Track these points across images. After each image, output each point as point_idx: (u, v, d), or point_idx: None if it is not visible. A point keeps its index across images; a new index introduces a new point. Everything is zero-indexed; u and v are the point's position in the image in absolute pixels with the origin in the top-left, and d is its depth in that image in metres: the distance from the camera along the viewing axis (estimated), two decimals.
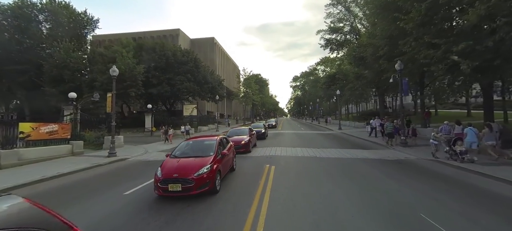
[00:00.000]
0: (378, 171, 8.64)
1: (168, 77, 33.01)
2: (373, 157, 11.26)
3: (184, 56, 34.13)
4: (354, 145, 15.56)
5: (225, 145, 8.12)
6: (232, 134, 14.30)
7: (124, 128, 32.21)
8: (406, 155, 11.49)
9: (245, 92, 56.81)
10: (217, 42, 60.36)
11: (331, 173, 8.48)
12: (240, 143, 12.70)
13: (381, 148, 14.34)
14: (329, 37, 37.24)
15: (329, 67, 64.68)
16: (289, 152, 12.92)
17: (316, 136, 22.58)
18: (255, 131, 19.17)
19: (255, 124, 22.47)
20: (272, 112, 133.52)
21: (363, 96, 41.25)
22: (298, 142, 17.74)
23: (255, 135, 16.03)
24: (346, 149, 13.76)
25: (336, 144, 16.20)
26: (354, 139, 19.61)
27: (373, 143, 16.45)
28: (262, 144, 16.90)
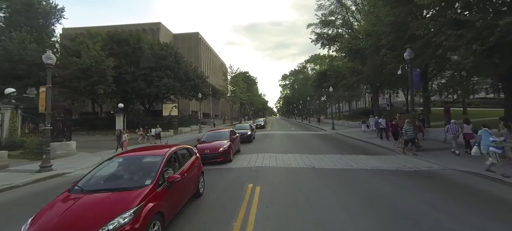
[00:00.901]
0: (409, 194, 6.07)
1: (144, 73, 29.62)
2: (387, 167, 8.79)
3: (163, 50, 30.81)
4: (356, 149, 13.13)
5: (183, 162, 5.31)
6: (209, 138, 11.46)
7: (95, 130, 28.59)
8: (428, 164, 9.10)
9: (232, 90, 53.87)
10: (202, 37, 56.98)
11: (340, 197, 5.86)
12: (217, 150, 9.90)
13: (388, 153, 11.97)
14: (320, 31, 35.09)
15: (318, 65, 62.98)
16: (279, 161, 10.25)
17: (310, 138, 20.11)
18: (239, 134, 16.42)
19: (240, 125, 19.70)
20: (261, 112, 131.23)
21: (356, 93, 39.42)
22: (290, 146, 15.14)
23: (238, 139, 13.26)
24: (349, 156, 11.27)
25: (334, 148, 13.73)
26: (353, 141, 17.26)
27: (376, 146, 14.10)
28: (247, 149, 14.17)
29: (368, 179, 7.39)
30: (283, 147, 14.90)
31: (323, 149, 13.69)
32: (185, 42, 55.39)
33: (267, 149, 13.86)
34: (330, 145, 15.42)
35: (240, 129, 18.16)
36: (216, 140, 10.96)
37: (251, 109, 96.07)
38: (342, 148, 13.88)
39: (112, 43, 28.09)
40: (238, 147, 13.04)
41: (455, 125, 10.76)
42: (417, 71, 12.09)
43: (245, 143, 16.85)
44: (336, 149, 13.53)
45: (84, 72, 23.43)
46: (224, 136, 11.44)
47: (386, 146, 13.40)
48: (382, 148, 13.30)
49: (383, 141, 15.07)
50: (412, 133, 10.91)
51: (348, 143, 15.95)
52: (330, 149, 13.43)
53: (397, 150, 12.15)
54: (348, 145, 14.94)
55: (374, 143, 14.78)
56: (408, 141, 10.97)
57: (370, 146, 14.17)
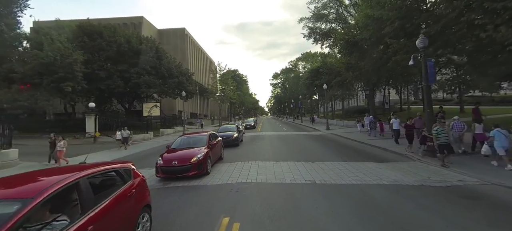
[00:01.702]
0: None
1: (121, 69, 26.75)
2: (409, 181, 6.77)
3: (142, 44, 28.02)
4: (361, 154, 11.14)
5: (100, 199, 2.99)
6: (182, 145, 9.11)
7: (66, 132, 25.47)
8: (458, 176, 7.15)
9: (221, 89, 51.32)
10: (188, 33, 54.10)
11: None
12: (189, 161, 7.60)
13: (400, 158, 10.03)
14: (313, 25, 33.26)
15: (310, 63, 61.39)
16: (270, 174, 8.06)
17: (304, 140, 18.07)
18: (224, 136, 14.17)
19: (225, 127, 17.39)
20: (252, 111, 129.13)
21: (350, 91, 37.86)
22: (283, 151, 12.99)
23: (220, 144, 10.98)
24: (355, 163, 9.23)
25: (335, 153, 11.68)
26: (353, 143, 15.31)
27: (382, 149, 12.17)
28: (232, 155, 11.91)
29: (391, 202, 5.32)
30: (274, 152, 12.74)
31: (322, 154, 11.62)
32: (170, 38, 52.34)
33: (255, 156, 11.65)
34: (328, 148, 13.38)
35: (225, 131, 15.86)
36: (189, 148, 8.63)
37: (241, 108, 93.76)
38: (344, 152, 11.86)
39: (83, 35, 25.06)
40: (220, 154, 10.76)
41: (459, 122, 10.09)
42: (432, 62, 10.20)
43: (230, 147, 14.61)
44: (337, 154, 11.49)
45: (47, 67, 20.44)
46: (200, 141, 9.13)
47: (394, 149, 11.48)
48: (390, 152, 11.37)
49: (388, 143, 13.16)
50: (445, 136, 8.23)
51: (348, 146, 13.96)
52: (330, 155, 11.37)
53: (409, 154, 10.22)
54: (350, 149, 12.94)
55: (379, 146, 12.85)
56: (443, 147, 8.06)
57: (375, 150, 12.22)
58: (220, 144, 10.87)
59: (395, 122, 12.92)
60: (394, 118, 13.15)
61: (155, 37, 49.31)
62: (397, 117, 13.25)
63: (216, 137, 10.84)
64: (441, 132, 8.23)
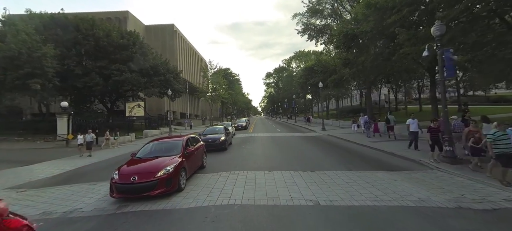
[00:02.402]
0: None
1: (100, 65, 24.50)
2: (440, 201, 5.18)
3: (124, 38, 25.81)
4: (367, 161, 9.56)
5: None
6: (151, 153, 7.28)
7: (39, 134, 23.11)
8: (500, 193, 5.61)
9: (212, 88, 49.31)
10: (177, 30, 51.81)
11: None
12: (153, 176, 5.80)
13: (414, 166, 8.51)
14: (307, 21, 31.82)
15: (303, 62, 60.10)
16: (260, 190, 6.35)
17: (300, 142, 16.45)
18: (210, 140, 12.42)
19: (211, 128, 15.56)
20: (245, 111, 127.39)
21: (346, 90, 36.63)
22: (276, 156, 11.30)
23: (201, 150, 9.17)
24: (363, 173, 7.63)
25: (336, 159, 10.07)
26: (354, 146, 13.77)
27: (389, 154, 10.66)
28: (216, 163, 10.15)
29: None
30: (267, 158, 11.03)
31: (322, 160, 10.00)
32: (158, 35, 49.91)
33: (244, 163, 9.93)
34: (328, 153, 11.78)
35: (211, 134, 14.06)
36: (159, 157, 6.82)
37: (233, 108, 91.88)
38: (346, 158, 10.28)
39: (56, 27, 22.70)
40: (202, 162, 8.98)
41: (460, 122, 9.72)
42: (449, 52, 8.73)
43: (217, 152, 12.84)
44: (339, 160, 9.89)
45: (11, 61, 18.11)
46: (174, 148, 7.32)
47: (404, 154, 9.97)
48: (399, 158, 9.84)
49: (394, 146, 11.68)
50: (508, 143, 5.90)
51: (350, 150, 12.40)
52: (331, 161, 9.75)
53: (424, 161, 8.71)
54: (352, 154, 11.37)
55: (384, 150, 11.34)
56: (506, 159, 5.84)
57: (382, 155, 10.68)
58: (201, 150, 9.08)
59: (413, 123, 10.78)
60: (411, 119, 10.94)
61: (142, 33, 46.91)
62: (414, 117, 11.13)
63: (197, 142, 9.04)
64: (500, 137, 5.95)
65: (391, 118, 15.81)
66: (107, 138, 17.96)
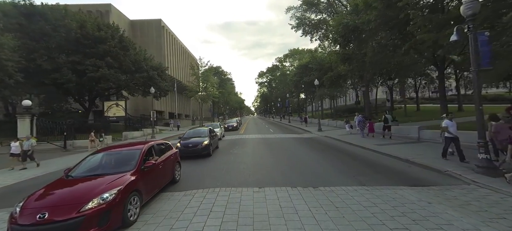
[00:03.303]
0: None
1: (73, 60, 21.99)
2: None
3: (101, 31, 23.34)
4: (380, 171, 7.73)
5: None
6: (91, 169, 5.19)
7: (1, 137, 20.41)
8: None
9: (203, 87, 46.97)
10: (165, 25, 49.23)
11: None
12: (74, 212, 3.73)
13: (444, 179, 6.75)
14: (302, 15, 30.12)
15: (297, 60, 58.54)
16: (245, 220, 4.41)
17: (295, 145, 14.58)
18: (188, 145, 10.45)
19: (195, 130, 13.45)
20: (238, 111, 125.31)
21: (343, 88, 35.14)
22: (269, 164, 9.34)
23: (171, 161, 7.07)
24: (382, 191, 5.79)
25: (342, 168, 8.20)
26: (358, 150, 11.97)
27: (403, 162, 8.91)
28: (193, 174, 8.15)
29: None
30: (257, 166, 9.08)
31: (325, 170, 8.12)
32: (144, 30, 47.20)
33: (228, 174, 7.95)
34: (330, 159, 9.92)
35: (192, 137, 12.01)
36: (101, 175, 4.76)
37: (225, 108, 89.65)
38: (354, 167, 8.44)
39: (19, 16, 20.05)
40: (172, 176, 6.95)
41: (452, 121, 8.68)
42: (485, 36, 7.02)
43: (199, 158, 10.81)
44: (345, 170, 8.03)
45: None
46: (126, 162, 5.27)
47: (422, 161, 8.21)
48: (419, 166, 8.06)
49: (404, 150, 9.95)
50: None
51: (356, 157, 10.58)
52: (337, 171, 7.89)
53: (453, 172, 6.96)
54: (360, 161, 9.53)
55: (397, 156, 9.59)
56: None
57: (396, 163, 8.87)
58: (171, 160, 7.03)
59: (452, 125, 8.35)
60: (448, 120, 8.51)
61: (127, 28, 44.15)
62: (453, 117, 8.79)
63: (165, 151, 6.99)
64: None
65: (389, 117, 15.06)
66: (92, 140, 16.68)
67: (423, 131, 12.61)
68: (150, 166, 5.38)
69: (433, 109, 31.41)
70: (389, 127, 14.70)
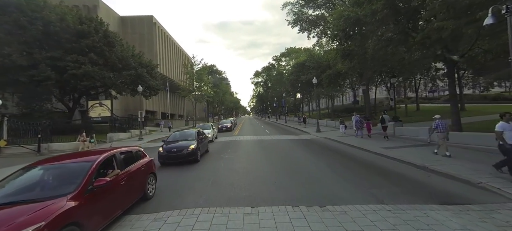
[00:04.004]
0: None
1: (52, 55, 20.24)
2: None
3: (84, 24, 21.63)
4: (397, 183, 6.41)
5: None
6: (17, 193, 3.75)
7: None
8: None
9: (197, 87, 45.38)
10: (157, 22, 47.43)
11: None
12: None
13: (476, 194, 5.49)
14: (299, 10, 28.85)
15: (294, 59, 57.35)
16: None
17: (294, 148, 13.24)
18: (171, 150, 9.07)
19: (181, 133, 11.93)
20: (234, 111, 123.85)
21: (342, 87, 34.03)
22: (266, 173, 7.94)
23: (140, 173, 5.62)
24: (409, 212, 4.47)
25: (351, 179, 6.84)
26: (365, 155, 10.68)
27: (420, 169, 7.65)
28: (172, 187, 6.74)
29: None
30: (251, 176, 7.70)
31: (331, 181, 6.77)
32: (135, 27, 45.32)
33: (215, 189, 6.55)
34: (336, 167, 8.59)
35: (177, 141, 10.56)
36: (19, 202, 3.33)
37: (221, 108, 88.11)
38: (367, 177, 7.12)
39: None
40: (142, 192, 5.54)
41: (443, 121, 9.07)
42: None
43: (183, 165, 9.40)
44: (357, 181, 6.71)
45: None
46: (68, 179, 3.84)
47: (446, 169, 6.95)
48: (444, 176, 6.80)
49: (418, 155, 8.70)
50: None
51: (367, 164, 9.28)
52: (347, 183, 6.56)
53: (487, 184, 5.70)
54: (372, 170, 8.22)
55: (412, 162, 8.33)
56: None
57: (413, 172, 7.59)
58: (142, 173, 5.61)
59: (510, 129, 5.97)
60: (505, 122, 6.02)
61: (116, 24, 42.30)
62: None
63: (135, 160, 5.57)
64: None
65: (386, 117, 14.72)
66: (84, 140, 15.98)
67: (435, 134, 11.38)
68: (102, 184, 3.95)
69: (432, 109, 30.54)
70: (385, 127, 14.29)
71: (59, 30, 20.12)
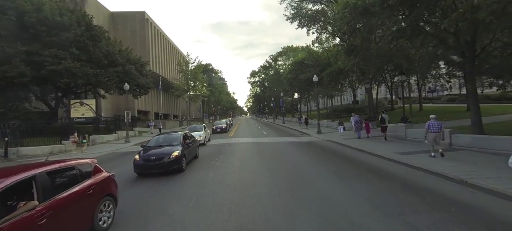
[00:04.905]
0: None
1: (27, 50, 18.41)
2: None
3: (64, 16, 19.78)
4: (441, 206, 4.86)
5: None
6: None
7: None
8: None
9: (192, 86, 43.63)
10: (149, 18, 45.51)
11: None
12: None
13: None
14: (298, 4, 27.31)
15: (292, 57, 55.89)
16: None
17: (296, 154, 11.67)
18: (149, 159, 7.52)
19: (165, 136, 10.20)
20: (231, 111, 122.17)
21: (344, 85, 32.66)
22: (263, 189, 6.29)
23: (91, 196, 4.00)
24: None
25: (376, 201, 5.21)
26: (378, 162, 9.13)
27: (458, 184, 6.14)
28: (143, 208, 5.10)
29: None
30: (244, 193, 6.09)
31: (347, 200, 5.17)
32: (127, 23, 43.38)
33: (195, 215, 4.91)
34: (349, 179, 7.00)
35: (161, 145, 8.93)
36: None
37: (217, 108, 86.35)
38: (389, 194, 5.54)
39: None
40: (90, 227, 3.88)
41: (437, 121, 8.76)
42: None
43: (163, 177, 7.76)
44: (378, 204, 5.12)
45: None
46: None
47: (495, 185, 5.45)
48: (496, 195, 5.28)
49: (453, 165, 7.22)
50: None
51: (381, 173, 7.72)
52: (367, 205, 4.96)
53: None
54: (392, 182, 6.64)
55: (438, 172, 6.83)
56: None
57: (446, 185, 6.05)
58: (88, 199, 3.96)
59: None
60: None
61: (106, 20, 40.35)
62: None
63: (79, 179, 3.93)
64: None
65: (386, 117, 14.20)
66: (75, 141, 16.05)
67: (458, 136, 9.93)
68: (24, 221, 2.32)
69: (437, 109, 29.31)
70: (385, 128, 13.91)
71: (35, 22, 18.28)
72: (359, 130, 15.45)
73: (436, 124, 8.66)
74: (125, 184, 7.41)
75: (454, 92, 48.51)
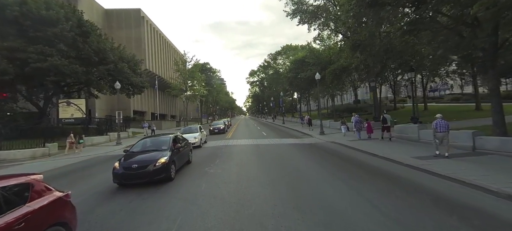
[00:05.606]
0: None
1: (10, 46, 17.22)
2: None
3: (51, 10, 18.58)
4: None
5: None
6: None
7: None
8: None
9: (190, 86, 42.41)
10: (145, 15, 44.29)
11: None
12: None
13: None
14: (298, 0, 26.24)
15: (291, 56, 54.79)
16: None
17: (299, 158, 10.54)
18: (131, 166, 6.29)
19: (152, 140, 9.00)
20: (229, 111, 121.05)
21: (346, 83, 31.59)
22: (263, 204, 5.16)
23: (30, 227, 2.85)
24: None
25: (406, 223, 4.18)
26: (399, 169, 8.01)
27: (495, 196, 5.03)
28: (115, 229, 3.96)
29: None
30: (242, 212, 4.94)
31: (370, 221, 4.08)
32: (122, 21, 42.16)
33: None
34: (363, 190, 5.85)
35: (146, 151, 7.80)
36: None
37: (215, 108, 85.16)
38: (420, 213, 4.41)
39: None
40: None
41: (444, 121, 8.50)
42: None
43: (149, 187, 6.62)
44: (408, 226, 4.02)
45: None
46: None
47: None
48: None
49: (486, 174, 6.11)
50: None
51: (401, 182, 6.61)
52: (394, 227, 3.88)
53: None
54: (420, 196, 5.48)
55: (472, 183, 5.72)
56: None
57: (486, 199, 4.95)
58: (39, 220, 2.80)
59: None
60: None
61: (100, 17, 39.13)
62: None
63: (11, 205, 2.77)
64: None
65: (388, 117, 13.84)
66: (72, 142, 15.91)
67: (483, 139, 8.83)
68: None
69: (443, 108, 28.27)
70: (388, 128, 13.55)
71: (18, 15, 17.11)
72: (359, 131, 14.98)
73: (443, 124, 8.45)
74: (102, 197, 6.29)
75: (456, 91, 47.60)
